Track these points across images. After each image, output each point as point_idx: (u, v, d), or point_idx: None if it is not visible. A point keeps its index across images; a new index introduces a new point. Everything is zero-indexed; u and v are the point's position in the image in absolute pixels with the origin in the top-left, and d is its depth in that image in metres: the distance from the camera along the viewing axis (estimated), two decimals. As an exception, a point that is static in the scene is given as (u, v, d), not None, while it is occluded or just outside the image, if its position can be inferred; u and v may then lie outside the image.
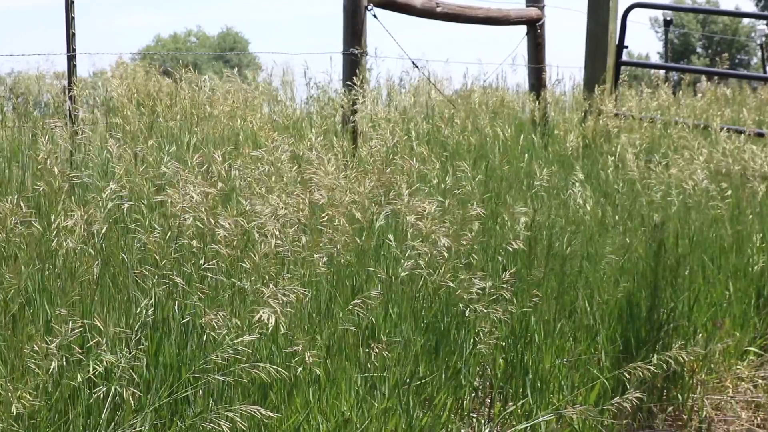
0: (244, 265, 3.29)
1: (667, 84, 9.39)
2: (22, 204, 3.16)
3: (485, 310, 3.70)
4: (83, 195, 3.84)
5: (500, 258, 4.31)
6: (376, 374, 3.45)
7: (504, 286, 3.80)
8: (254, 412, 2.85)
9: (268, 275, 3.28)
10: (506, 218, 4.56)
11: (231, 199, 3.79)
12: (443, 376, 3.74)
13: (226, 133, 5.39)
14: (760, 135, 7.53)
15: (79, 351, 2.87)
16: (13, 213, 3.13)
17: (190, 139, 5.07)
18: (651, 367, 3.78)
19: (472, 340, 3.82)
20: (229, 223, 3.29)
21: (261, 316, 2.97)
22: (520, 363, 4.07)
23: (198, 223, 3.28)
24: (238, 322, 3.09)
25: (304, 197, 3.63)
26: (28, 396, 2.73)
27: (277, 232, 3.38)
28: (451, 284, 3.68)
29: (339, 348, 3.46)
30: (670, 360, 3.99)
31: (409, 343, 3.65)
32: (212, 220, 3.27)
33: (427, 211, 3.73)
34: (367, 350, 3.45)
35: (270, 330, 3.05)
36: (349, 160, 4.79)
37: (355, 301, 3.42)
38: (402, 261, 3.68)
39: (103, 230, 3.27)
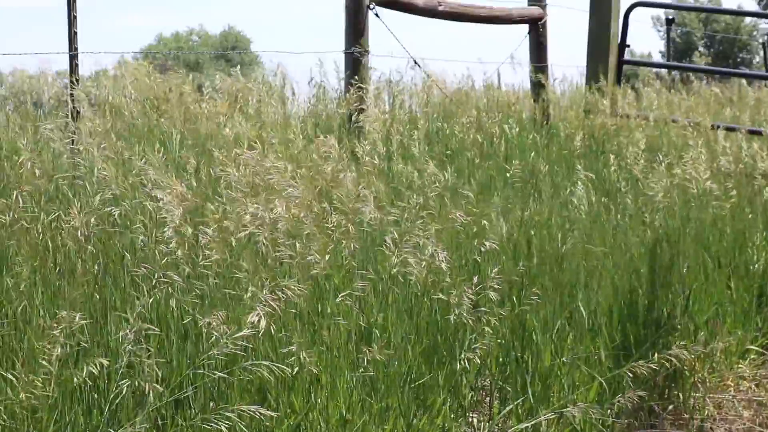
0: (243, 265, 3.30)
1: (660, 82, 9.38)
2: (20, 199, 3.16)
3: (469, 319, 3.68)
4: (78, 196, 3.84)
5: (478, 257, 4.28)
6: (372, 373, 3.45)
7: (492, 286, 3.79)
8: (254, 412, 2.85)
9: (261, 278, 3.28)
10: (494, 216, 4.57)
11: (218, 202, 3.78)
12: (441, 375, 3.74)
13: (221, 133, 5.39)
14: (757, 133, 7.51)
15: (84, 341, 2.87)
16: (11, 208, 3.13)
17: (176, 140, 5.07)
18: (652, 366, 3.78)
19: (468, 340, 3.82)
20: (213, 230, 3.29)
21: (252, 318, 2.96)
22: (519, 362, 4.07)
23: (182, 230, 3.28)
24: (228, 327, 3.08)
25: (305, 200, 3.63)
26: (38, 383, 2.73)
27: (266, 236, 3.39)
28: (441, 295, 3.68)
29: (334, 347, 3.45)
30: (671, 358, 3.98)
31: (407, 343, 3.65)
32: (191, 229, 3.27)
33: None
34: (362, 351, 3.45)
35: (262, 332, 3.05)
36: (350, 159, 4.78)
37: (344, 293, 3.42)
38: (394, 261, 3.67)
39: (99, 229, 3.27)
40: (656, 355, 4.05)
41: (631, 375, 3.90)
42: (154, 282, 3.18)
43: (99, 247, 3.37)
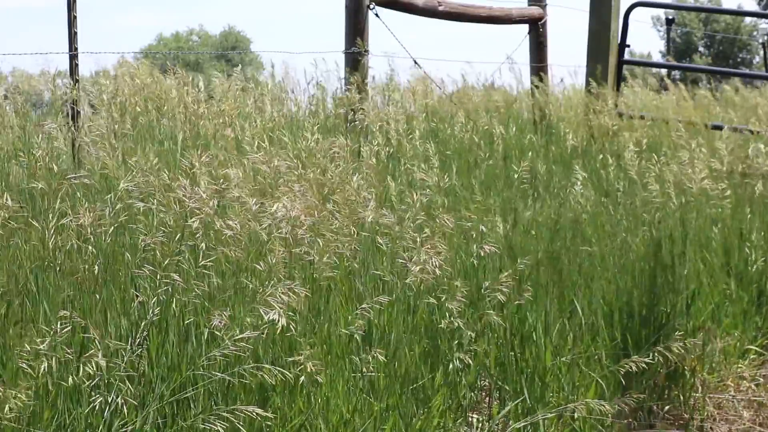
0: (258, 266, 3.30)
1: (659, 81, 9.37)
2: (10, 199, 3.17)
3: (462, 326, 3.70)
4: (84, 195, 3.84)
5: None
6: (372, 374, 3.46)
7: (500, 288, 3.80)
8: (250, 413, 2.85)
9: (276, 277, 3.28)
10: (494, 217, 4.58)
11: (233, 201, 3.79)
12: (439, 376, 3.74)
13: (223, 134, 5.39)
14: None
15: (69, 352, 2.86)
16: (7, 209, 3.14)
17: (180, 138, 5.07)
18: (648, 360, 3.78)
19: (466, 342, 3.83)
20: (236, 224, 3.30)
21: (271, 316, 2.97)
22: (519, 362, 4.07)
23: (205, 222, 3.29)
24: (244, 321, 3.09)
25: (313, 199, 3.63)
26: (22, 396, 2.72)
27: (287, 235, 3.39)
28: (431, 299, 3.69)
29: (335, 350, 3.46)
30: (668, 355, 3.98)
31: (406, 344, 3.65)
32: (220, 221, 3.28)
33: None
34: (363, 354, 3.45)
35: (277, 332, 3.05)
36: (351, 158, 4.79)
37: (364, 305, 3.43)
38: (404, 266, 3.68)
39: (110, 230, 3.27)
40: (656, 354, 4.05)
41: (629, 371, 3.89)
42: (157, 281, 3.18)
43: (101, 246, 3.37)
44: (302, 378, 3.17)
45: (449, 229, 3.94)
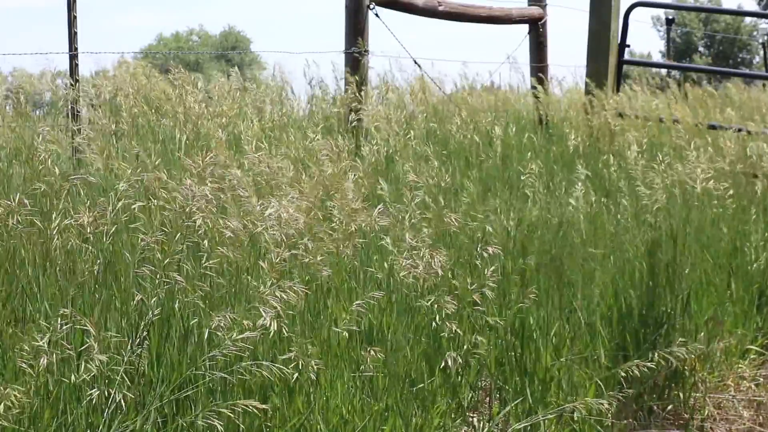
0: (261, 265, 3.30)
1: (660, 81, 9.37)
2: (26, 201, 3.17)
3: (460, 332, 3.69)
4: (86, 194, 3.84)
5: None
6: (371, 374, 3.45)
7: (488, 284, 3.79)
8: (250, 407, 2.85)
9: (273, 278, 3.28)
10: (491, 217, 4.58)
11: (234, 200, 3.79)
12: (439, 376, 3.74)
13: (226, 133, 5.39)
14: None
15: (69, 348, 2.86)
16: (15, 211, 3.14)
17: (182, 139, 5.07)
18: (649, 364, 3.78)
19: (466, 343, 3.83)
20: (237, 224, 3.30)
21: (264, 320, 2.97)
22: (518, 362, 4.07)
23: (206, 223, 3.28)
24: (243, 322, 3.09)
25: (309, 200, 3.63)
26: (17, 394, 2.71)
27: (283, 237, 3.39)
28: (423, 301, 3.69)
29: (334, 349, 3.46)
30: (669, 357, 3.98)
31: (406, 344, 3.65)
32: (221, 221, 3.28)
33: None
34: (363, 352, 3.45)
35: (271, 334, 3.05)
36: (350, 158, 4.79)
37: (358, 301, 3.42)
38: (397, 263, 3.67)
39: (113, 230, 3.27)
40: (656, 354, 4.05)
41: (629, 374, 3.89)
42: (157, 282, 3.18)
43: (102, 246, 3.36)
44: (296, 375, 3.17)
45: (455, 228, 3.94)
